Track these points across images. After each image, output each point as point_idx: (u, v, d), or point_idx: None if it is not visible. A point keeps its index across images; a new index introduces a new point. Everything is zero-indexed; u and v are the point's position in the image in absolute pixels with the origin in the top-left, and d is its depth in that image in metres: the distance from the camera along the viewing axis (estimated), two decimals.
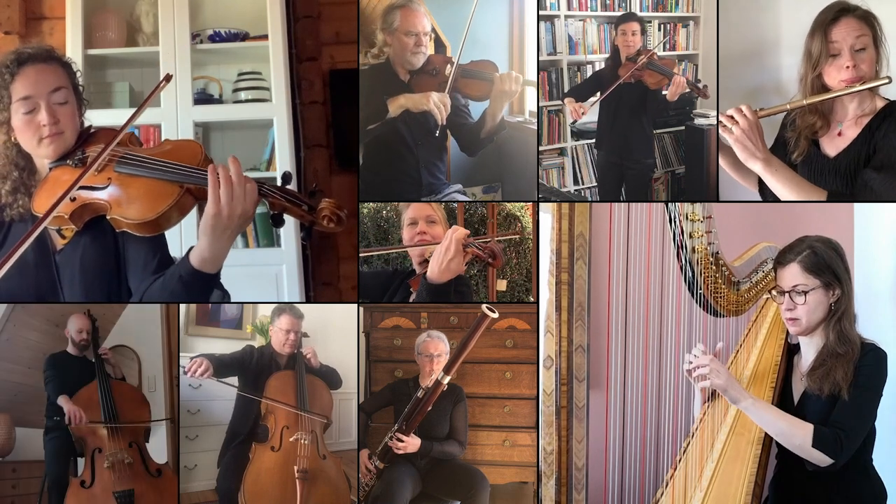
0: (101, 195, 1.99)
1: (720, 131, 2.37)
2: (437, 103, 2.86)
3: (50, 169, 2.09)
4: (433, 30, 2.99)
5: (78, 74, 2.17)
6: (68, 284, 2.10)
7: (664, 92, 3.09)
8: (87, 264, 2.08)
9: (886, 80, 2.25)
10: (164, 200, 1.95)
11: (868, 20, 2.27)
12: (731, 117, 2.32)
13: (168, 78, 2.25)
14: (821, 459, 1.98)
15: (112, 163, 2.02)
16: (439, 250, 2.34)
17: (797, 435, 2.00)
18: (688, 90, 3.08)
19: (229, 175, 1.89)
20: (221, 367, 2.94)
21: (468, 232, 2.37)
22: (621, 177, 3.24)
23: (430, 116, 2.92)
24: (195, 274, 1.92)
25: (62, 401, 2.74)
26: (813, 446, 1.97)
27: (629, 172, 3.21)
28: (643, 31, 3.12)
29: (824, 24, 2.29)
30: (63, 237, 2.11)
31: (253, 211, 1.92)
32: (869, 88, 2.27)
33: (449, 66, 2.91)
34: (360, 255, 2.76)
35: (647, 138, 3.21)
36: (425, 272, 2.39)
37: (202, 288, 1.96)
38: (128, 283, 2.11)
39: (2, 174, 2.11)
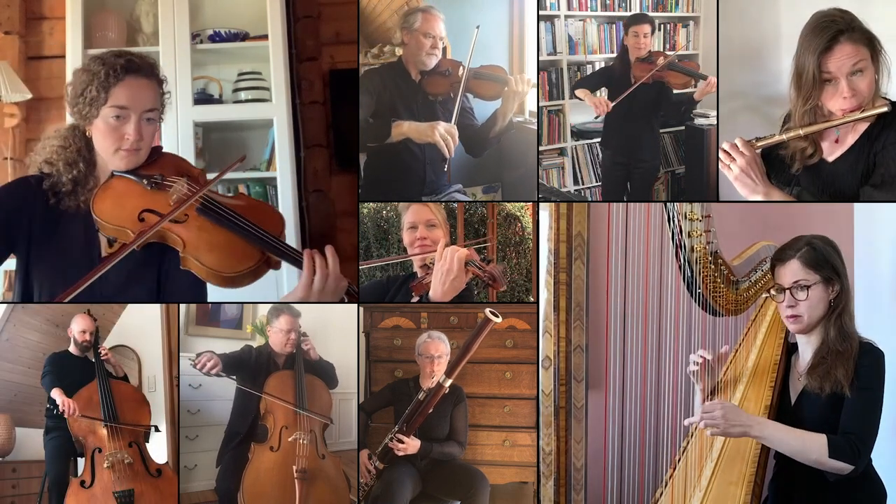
0: (178, 230, 2.02)
1: (721, 168, 2.30)
2: (443, 135, 2.85)
3: (113, 174, 2.10)
4: None
5: (167, 96, 2.18)
6: (109, 291, 2.11)
7: (687, 91, 3.10)
8: (132, 280, 2.11)
9: (885, 108, 2.16)
10: (245, 261, 2.00)
11: (864, 41, 2.14)
12: (728, 154, 2.25)
13: (242, 158, 2.31)
14: (841, 468, 1.96)
15: (195, 203, 2.05)
16: (440, 270, 2.33)
17: (812, 450, 1.98)
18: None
19: (327, 268, 1.97)
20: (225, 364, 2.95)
21: (468, 251, 2.37)
22: (627, 176, 3.24)
23: (437, 107, 2.93)
24: None
25: (55, 393, 2.74)
26: (830, 457, 1.96)
27: (636, 172, 3.22)
28: (653, 32, 3.13)
29: (817, 51, 2.15)
30: (111, 245, 2.11)
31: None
32: (868, 116, 2.18)
33: (461, 68, 2.93)
34: (361, 266, 2.76)
35: (655, 138, 3.21)
36: (428, 288, 2.40)
37: None
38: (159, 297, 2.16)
39: (68, 162, 2.11)
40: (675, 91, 3.15)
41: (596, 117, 3.22)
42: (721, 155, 2.29)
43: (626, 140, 3.21)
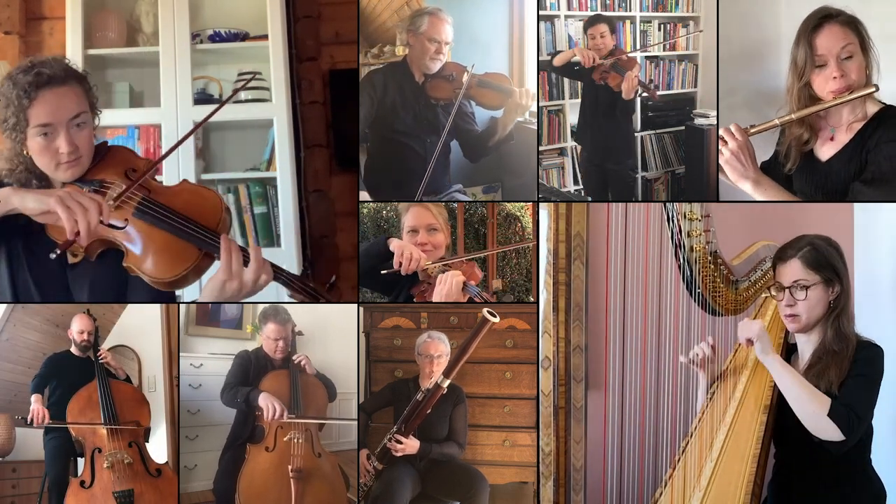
0: (118, 236, 1.99)
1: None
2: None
3: (63, 185, 2.07)
4: None
5: (95, 89, 2.11)
6: (78, 298, 2.11)
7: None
8: (97, 286, 2.09)
9: (873, 89, 2.20)
10: (183, 263, 1.96)
11: (853, 26, 2.21)
12: (721, 138, 2.30)
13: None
14: (832, 433, 1.93)
15: (130, 204, 2.01)
16: (439, 292, 2.41)
17: (814, 402, 1.96)
18: (639, 88, 3.07)
19: (240, 252, 1.94)
20: (239, 385, 2.96)
21: (464, 278, 2.45)
22: (605, 178, 3.24)
23: (439, 111, 2.92)
24: None
25: (34, 399, 2.77)
26: (828, 415, 1.93)
27: (611, 173, 3.21)
28: (613, 31, 3.11)
29: (807, 32, 2.23)
30: (74, 255, 2.09)
31: (259, 290, 1.95)
32: (857, 98, 2.22)
33: (466, 74, 2.92)
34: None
35: (625, 139, 3.19)
36: (426, 299, 2.45)
37: None
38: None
39: (21, 182, 2.06)
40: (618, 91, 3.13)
41: (577, 67, 3.14)
42: (719, 140, 2.33)
43: (596, 142, 3.21)
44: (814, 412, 1.96)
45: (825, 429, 1.94)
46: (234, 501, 2.68)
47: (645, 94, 3.17)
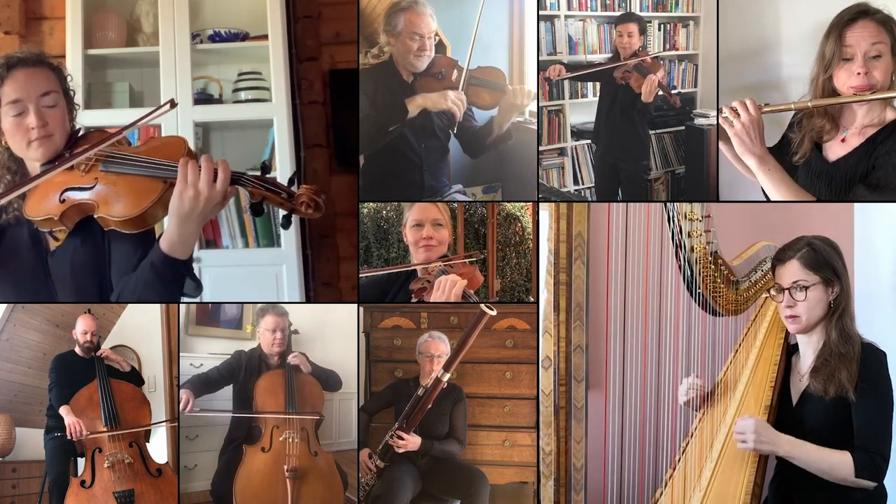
0: (89, 195, 2.00)
1: (721, 122, 2.32)
2: (454, 101, 2.87)
3: (40, 167, 2.08)
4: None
5: (69, 80, 2.17)
6: (60, 286, 2.11)
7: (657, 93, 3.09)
8: (78, 266, 2.09)
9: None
10: (148, 196, 1.97)
11: (887, 26, 2.17)
12: (734, 109, 2.28)
13: (172, 103, 2.27)
14: (867, 486, 1.99)
15: (98, 163, 2.04)
16: (437, 297, 2.41)
17: (840, 469, 1.99)
18: (659, 91, 3.06)
19: (196, 162, 1.92)
20: (207, 385, 2.96)
21: (465, 282, 2.43)
22: (617, 177, 3.23)
23: (435, 118, 2.91)
24: (165, 260, 1.93)
25: (64, 412, 2.74)
26: (857, 476, 1.98)
27: (623, 172, 3.21)
28: (642, 32, 3.11)
29: (840, 25, 2.20)
30: (56, 240, 2.12)
31: (221, 196, 1.92)
32: (877, 99, 2.20)
33: (456, 70, 2.90)
34: (361, 275, 2.74)
35: (640, 140, 3.19)
36: (424, 296, 2.45)
37: (174, 276, 1.97)
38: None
39: None
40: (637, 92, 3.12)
41: (546, 77, 3.18)
42: (726, 109, 2.31)
43: (611, 140, 3.20)
44: (844, 479, 2.00)
45: (861, 486, 2.00)
46: (231, 503, 2.68)
47: (663, 96, 3.15)
